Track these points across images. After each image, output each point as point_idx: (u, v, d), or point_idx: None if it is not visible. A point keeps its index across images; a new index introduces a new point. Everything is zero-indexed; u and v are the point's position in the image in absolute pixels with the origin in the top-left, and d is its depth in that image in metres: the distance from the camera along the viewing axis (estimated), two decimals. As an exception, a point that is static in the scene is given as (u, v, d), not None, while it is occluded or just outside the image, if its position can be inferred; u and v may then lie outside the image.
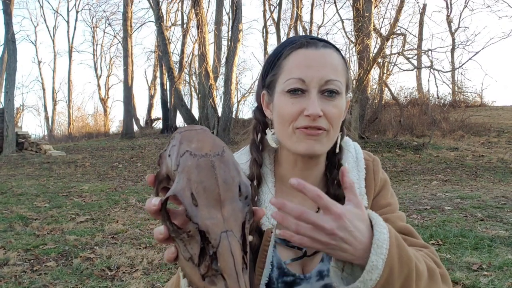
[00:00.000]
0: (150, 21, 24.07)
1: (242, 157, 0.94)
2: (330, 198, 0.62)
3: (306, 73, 0.81)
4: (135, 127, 21.77)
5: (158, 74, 22.70)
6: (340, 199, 0.87)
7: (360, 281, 0.63)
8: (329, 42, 0.87)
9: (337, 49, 0.86)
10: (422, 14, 16.57)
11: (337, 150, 0.91)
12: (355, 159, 0.93)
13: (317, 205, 0.62)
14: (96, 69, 29.82)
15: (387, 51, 12.93)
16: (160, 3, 16.90)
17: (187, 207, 0.46)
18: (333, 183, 0.90)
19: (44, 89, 30.99)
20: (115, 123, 40.02)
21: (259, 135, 0.92)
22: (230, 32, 14.61)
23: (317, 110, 0.79)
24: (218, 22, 16.59)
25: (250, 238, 0.82)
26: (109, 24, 33.58)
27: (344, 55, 0.89)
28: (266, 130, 0.91)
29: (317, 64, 0.81)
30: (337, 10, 17.58)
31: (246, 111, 22.32)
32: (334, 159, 0.91)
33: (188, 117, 16.38)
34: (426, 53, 13.07)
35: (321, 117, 0.80)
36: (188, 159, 0.48)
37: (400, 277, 0.64)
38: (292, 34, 17.61)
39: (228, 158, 0.50)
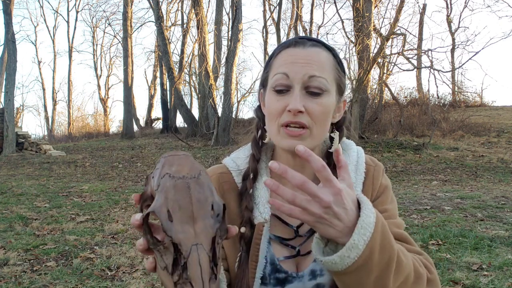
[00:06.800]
0: (150, 21, 24.06)
1: (240, 153, 0.96)
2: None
3: (291, 68, 0.83)
4: (135, 127, 21.77)
5: (158, 74, 22.69)
6: None
7: (338, 255, 0.63)
8: (320, 41, 0.88)
9: (329, 49, 0.88)
10: (422, 14, 16.60)
11: (332, 149, 0.91)
12: (355, 162, 0.93)
13: (319, 176, 0.63)
14: (96, 69, 29.79)
15: (387, 51, 12.93)
16: (160, 3, 16.90)
17: (163, 222, 0.52)
18: None
19: (44, 89, 30.94)
20: (115, 123, 39.99)
21: (259, 132, 0.95)
22: (230, 32, 14.59)
23: (297, 106, 0.81)
24: (218, 22, 16.60)
25: (243, 229, 0.84)
26: (109, 24, 33.48)
27: (337, 54, 0.90)
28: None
29: (302, 61, 0.83)
30: (337, 10, 17.63)
31: (246, 111, 22.36)
32: (331, 159, 0.91)
33: (188, 117, 16.36)
34: (426, 53, 13.08)
35: (303, 113, 0.82)
36: (167, 181, 0.55)
37: (379, 264, 0.65)
38: (292, 34, 17.61)
39: (204, 181, 0.57)
